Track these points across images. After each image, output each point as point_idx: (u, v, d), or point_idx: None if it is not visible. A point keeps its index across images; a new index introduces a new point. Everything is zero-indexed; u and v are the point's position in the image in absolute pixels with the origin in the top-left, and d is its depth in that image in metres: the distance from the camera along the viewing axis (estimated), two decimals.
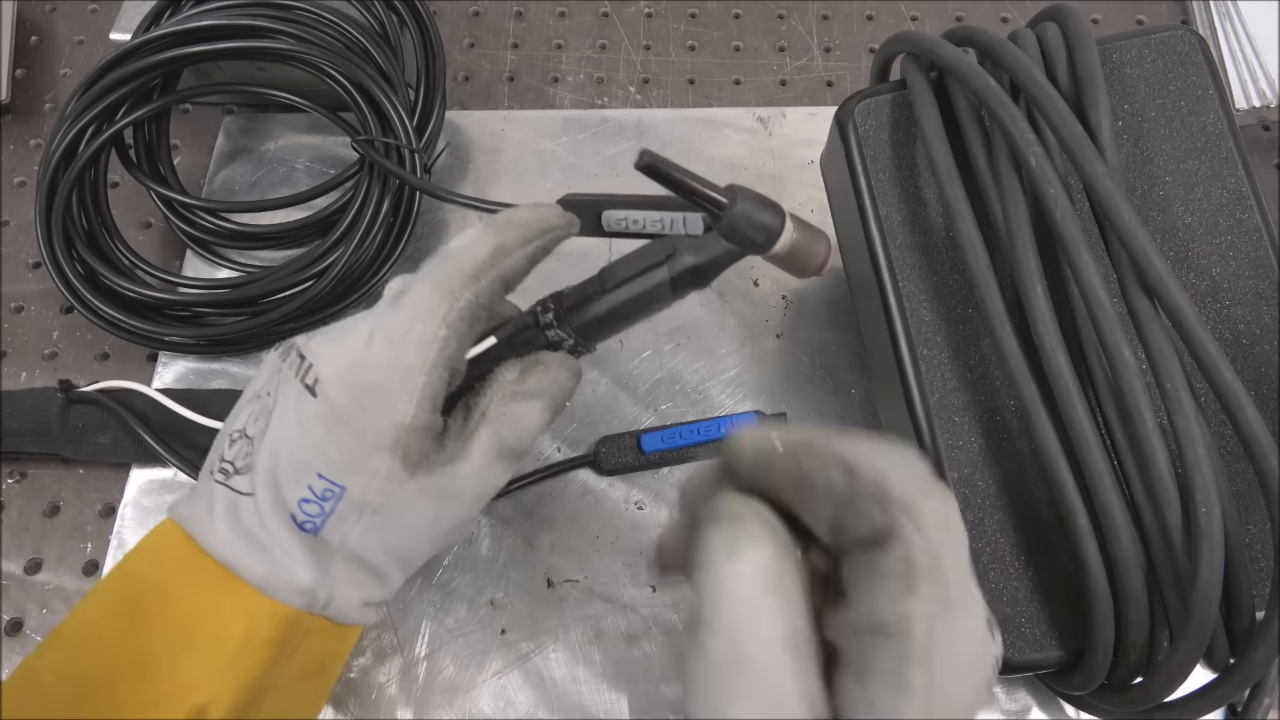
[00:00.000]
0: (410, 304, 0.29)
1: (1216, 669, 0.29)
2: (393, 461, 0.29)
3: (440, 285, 0.29)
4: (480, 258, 0.30)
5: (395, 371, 0.28)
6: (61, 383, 0.40)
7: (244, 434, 0.30)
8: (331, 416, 0.29)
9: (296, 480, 0.29)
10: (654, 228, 0.34)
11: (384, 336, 0.29)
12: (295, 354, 0.30)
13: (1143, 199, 0.33)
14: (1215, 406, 0.31)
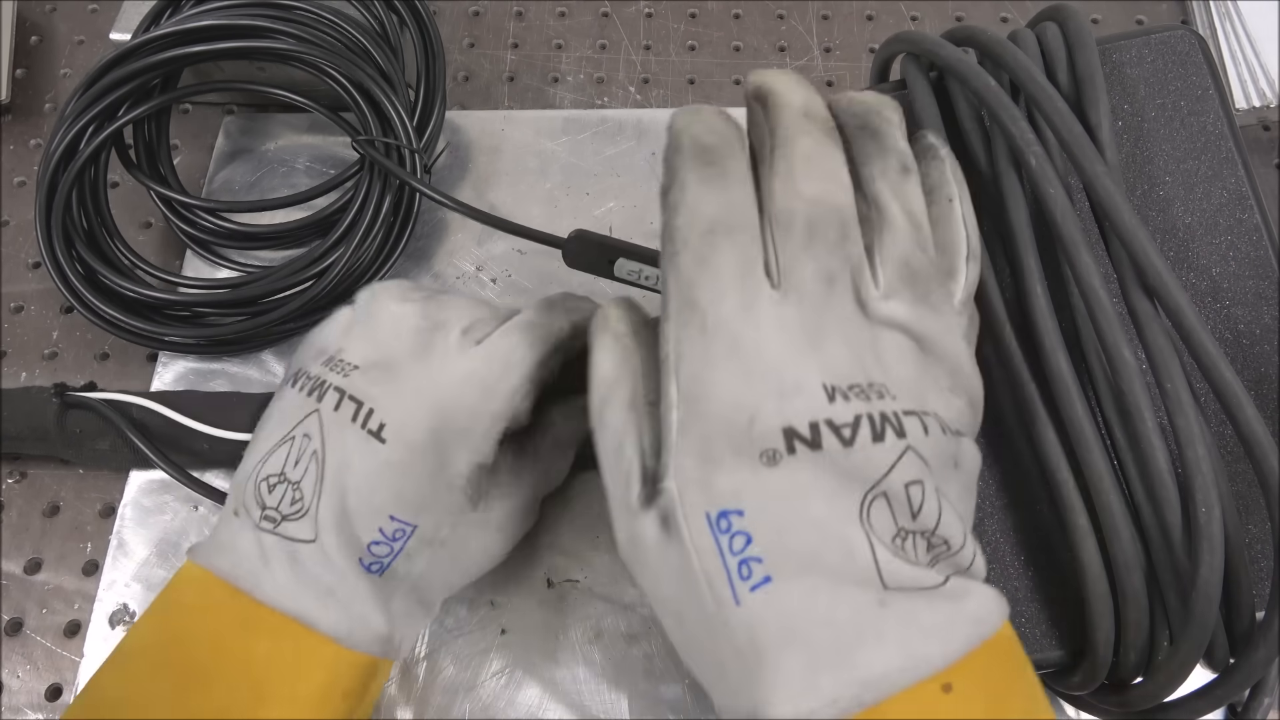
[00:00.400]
0: (503, 352, 0.30)
1: (1216, 669, 0.29)
2: (464, 498, 0.30)
3: (532, 345, 0.31)
4: (564, 330, 0.32)
5: (483, 416, 0.30)
6: (56, 386, 0.40)
7: (284, 478, 0.30)
8: (408, 460, 0.29)
9: (369, 524, 0.29)
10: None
11: (475, 380, 0.30)
12: (342, 398, 0.30)
13: (1143, 199, 0.33)
14: (1215, 406, 0.31)
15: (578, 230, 0.36)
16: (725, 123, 0.26)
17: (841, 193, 0.25)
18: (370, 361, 0.31)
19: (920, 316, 0.25)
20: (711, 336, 0.24)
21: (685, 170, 0.25)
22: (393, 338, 0.31)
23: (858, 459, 0.23)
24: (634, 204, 0.48)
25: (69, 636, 0.39)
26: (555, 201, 0.49)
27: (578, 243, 0.36)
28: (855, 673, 0.22)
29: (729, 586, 0.23)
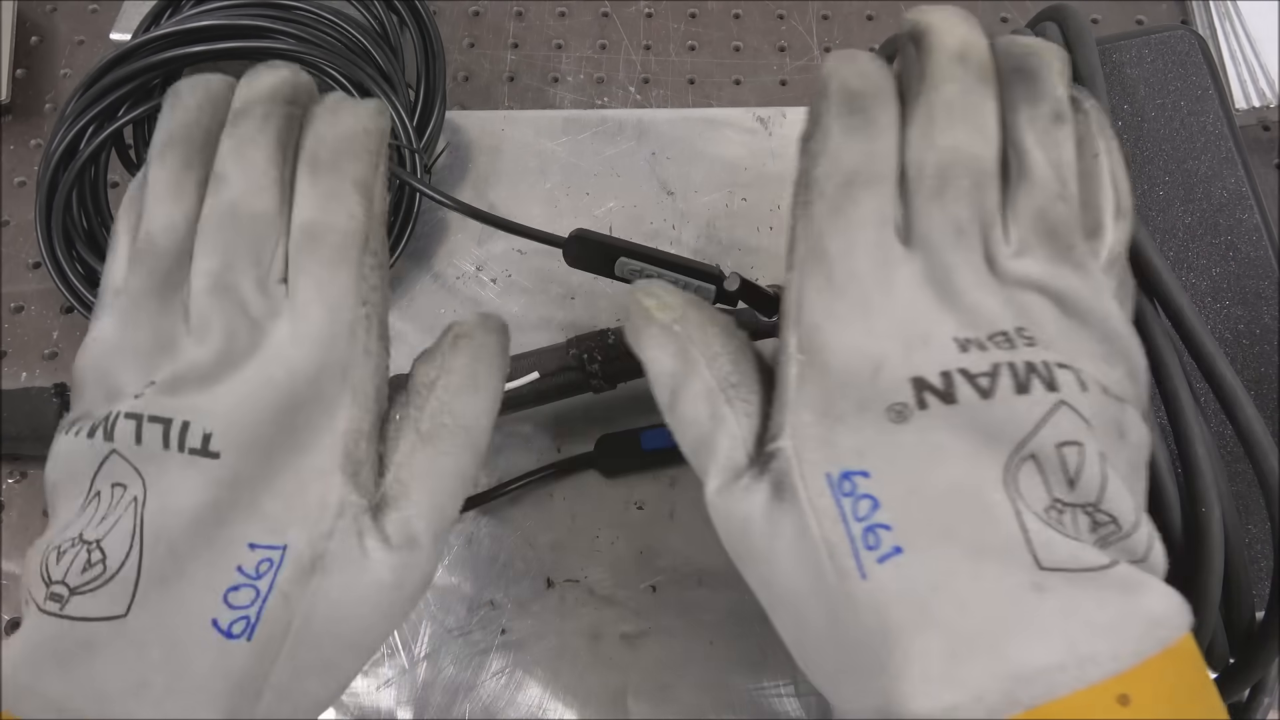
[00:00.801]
0: (312, 295, 0.24)
1: (1216, 669, 0.29)
2: (344, 484, 0.23)
3: (336, 262, 0.24)
4: (357, 213, 0.24)
5: (331, 372, 0.24)
6: (57, 386, 0.40)
7: (78, 540, 0.22)
8: (255, 463, 0.23)
9: (217, 566, 0.22)
10: None
11: (300, 342, 0.23)
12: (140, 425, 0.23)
13: (1143, 199, 0.33)
14: (1215, 406, 0.31)
15: (578, 230, 0.36)
16: (879, 68, 0.24)
17: (982, 143, 0.23)
18: (179, 373, 0.23)
19: (1058, 274, 0.22)
20: (838, 288, 0.22)
21: (829, 116, 0.23)
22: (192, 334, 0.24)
23: (999, 413, 0.21)
24: (634, 204, 0.48)
25: None
26: (555, 201, 0.49)
27: (578, 242, 0.36)
28: (1006, 665, 0.19)
29: (853, 557, 0.20)
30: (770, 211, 0.48)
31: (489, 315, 0.28)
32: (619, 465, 0.41)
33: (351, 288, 0.24)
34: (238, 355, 0.23)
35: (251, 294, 0.24)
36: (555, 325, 0.45)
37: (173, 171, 0.25)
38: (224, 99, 0.26)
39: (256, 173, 0.24)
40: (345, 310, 0.24)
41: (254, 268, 0.24)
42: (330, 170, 0.25)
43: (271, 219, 0.24)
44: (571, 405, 0.43)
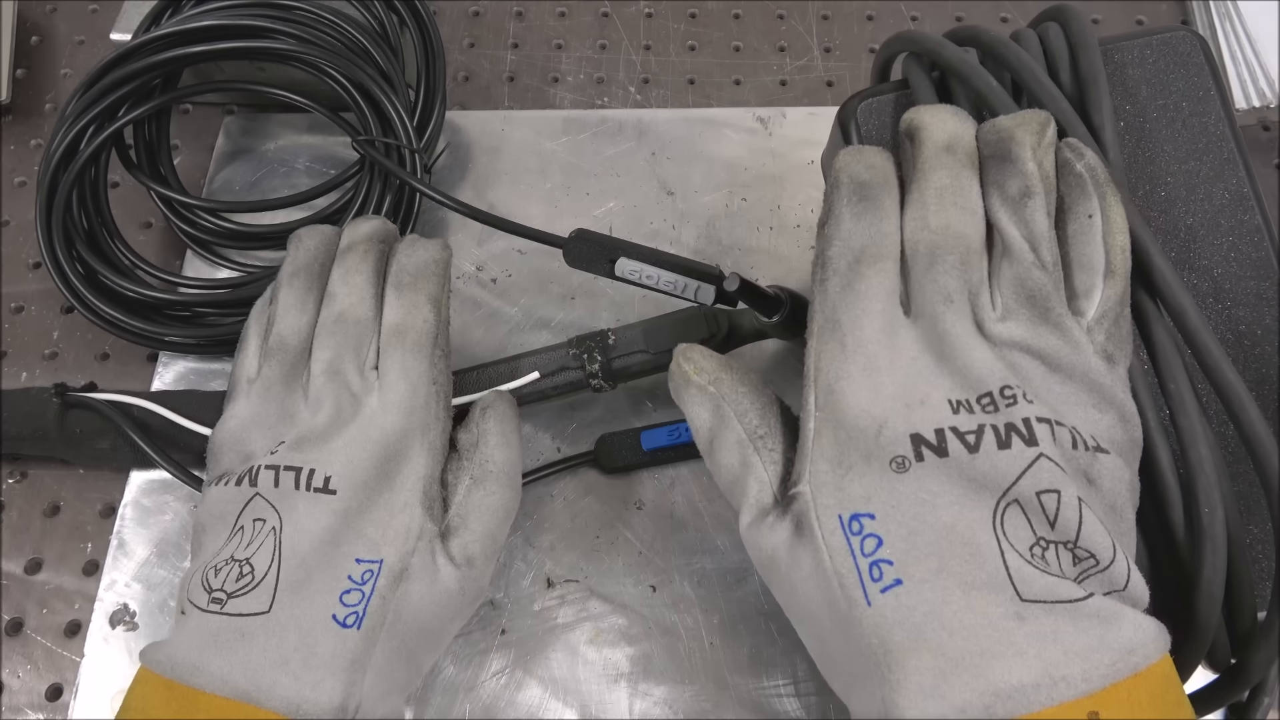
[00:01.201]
0: (398, 375, 0.32)
1: (1218, 669, 0.29)
2: (422, 515, 0.31)
3: (416, 352, 0.32)
4: (430, 318, 0.33)
5: (413, 434, 0.31)
6: (57, 386, 0.40)
7: (231, 560, 0.29)
8: (362, 498, 0.30)
9: (336, 575, 0.29)
10: (667, 287, 0.36)
11: (390, 410, 0.31)
12: (278, 473, 0.30)
13: (1145, 200, 0.33)
14: (1218, 407, 0.31)
15: (578, 230, 0.36)
16: (884, 160, 0.29)
17: (968, 222, 0.27)
18: (302, 435, 0.31)
19: (1039, 335, 0.26)
20: (850, 354, 0.27)
21: (841, 205, 0.28)
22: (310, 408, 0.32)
23: (984, 465, 0.24)
24: (634, 204, 0.48)
25: (69, 636, 0.39)
26: (555, 201, 0.49)
27: (578, 242, 0.36)
28: (986, 682, 0.22)
29: (860, 587, 0.24)
30: (770, 211, 0.48)
31: (499, 391, 0.37)
32: (619, 465, 0.41)
33: (426, 371, 0.32)
34: (345, 420, 0.31)
35: (354, 376, 0.32)
36: (555, 325, 0.45)
37: (299, 293, 0.34)
38: (332, 241, 0.36)
39: (358, 291, 0.33)
40: (422, 387, 0.32)
41: (355, 357, 0.32)
42: (410, 288, 0.33)
43: (368, 323, 0.33)
44: (571, 405, 0.43)
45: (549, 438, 0.42)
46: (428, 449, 0.32)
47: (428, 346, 0.33)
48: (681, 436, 0.41)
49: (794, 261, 0.47)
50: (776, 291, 0.37)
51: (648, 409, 0.43)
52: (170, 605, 0.39)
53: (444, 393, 0.33)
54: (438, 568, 0.30)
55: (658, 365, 0.40)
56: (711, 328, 0.39)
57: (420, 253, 0.35)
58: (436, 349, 0.33)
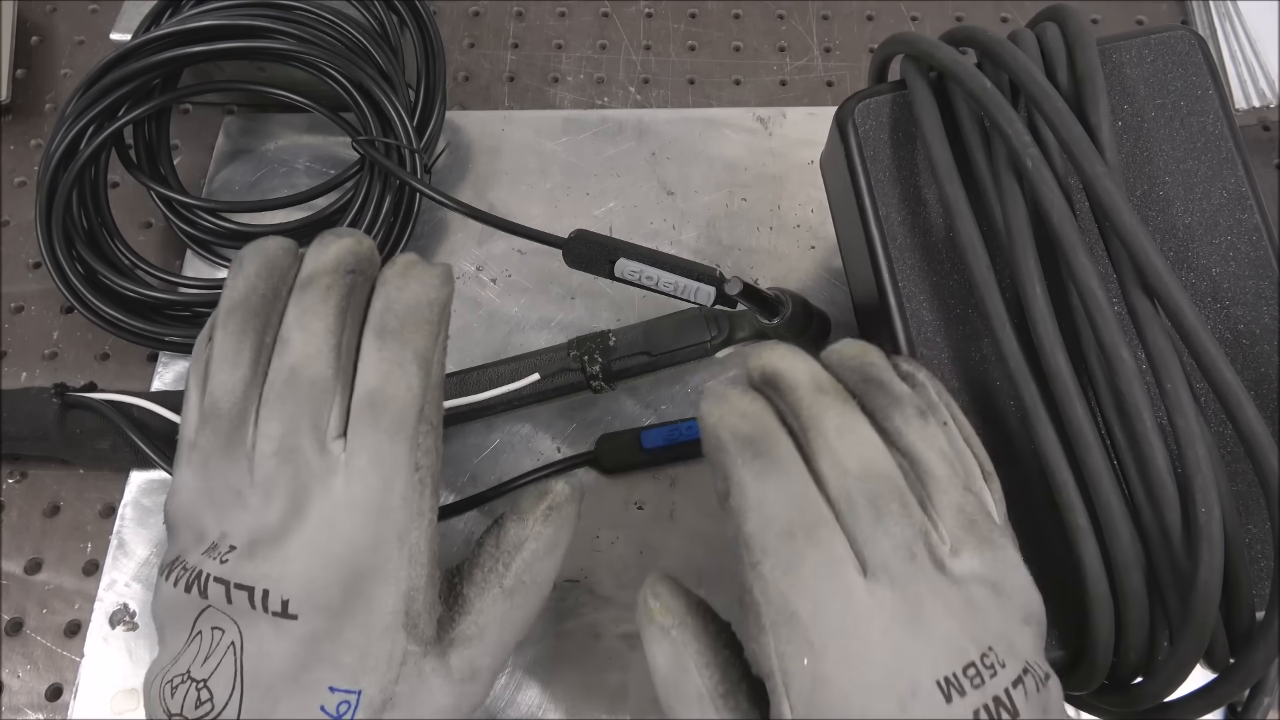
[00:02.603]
0: (369, 463, 0.26)
1: (1216, 669, 0.29)
2: (406, 639, 0.27)
3: (394, 433, 0.27)
4: (415, 385, 0.27)
5: (389, 541, 0.26)
6: (57, 386, 0.40)
7: (189, 678, 0.26)
8: (329, 624, 0.26)
9: (306, 705, 0.25)
10: (667, 288, 0.36)
11: (359, 511, 0.26)
12: (228, 590, 0.26)
13: (1143, 199, 0.33)
14: (1215, 406, 0.31)
15: (578, 230, 0.36)
16: (754, 403, 0.26)
17: (883, 458, 0.25)
18: (254, 535, 0.26)
19: (991, 561, 0.25)
20: (820, 651, 0.23)
21: (736, 469, 0.25)
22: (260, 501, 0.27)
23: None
24: (634, 204, 0.48)
25: (69, 636, 0.39)
26: (555, 201, 0.49)
27: (578, 243, 0.36)
28: None
29: None
30: (770, 211, 0.48)
31: (574, 484, 0.31)
32: (619, 465, 0.41)
33: (405, 459, 0.27)
34: (303, 514, 0.26)
35: (312, 454, 0.26)
36: (555, 325, 0.45)
37: (232, 338, 0.27)
38: (282, 264, 0.29)
39: (317, 340, 0.27)
40: (400, 479, 0.27)
41: (313, 430, 0.27)
42: (396, 339, 0.27)
43: (329, 383, 0.27)
44: (571, 405, 0.43)
45: (549, 438, 0.43)
46: (408, 558, 0.27)
47: (410, 423, 0.27)
48: (681, 436, 0.41)
49: (794, 261, 0.47)
50: (777, 293, 0.37)
51: (648, 409, 0.43)
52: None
53: (431, 477, 0.28)
54: (430, 691, 0.27)
55: (658, 366, 0.40)
56: (712, 329, 0.39)
57: (414, 289, 0.28)
58: (422, 423, 0.27)
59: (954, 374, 0.33)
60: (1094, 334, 0.28)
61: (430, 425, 0.28)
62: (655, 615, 0.27)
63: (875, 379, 0.27)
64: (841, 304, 0.45)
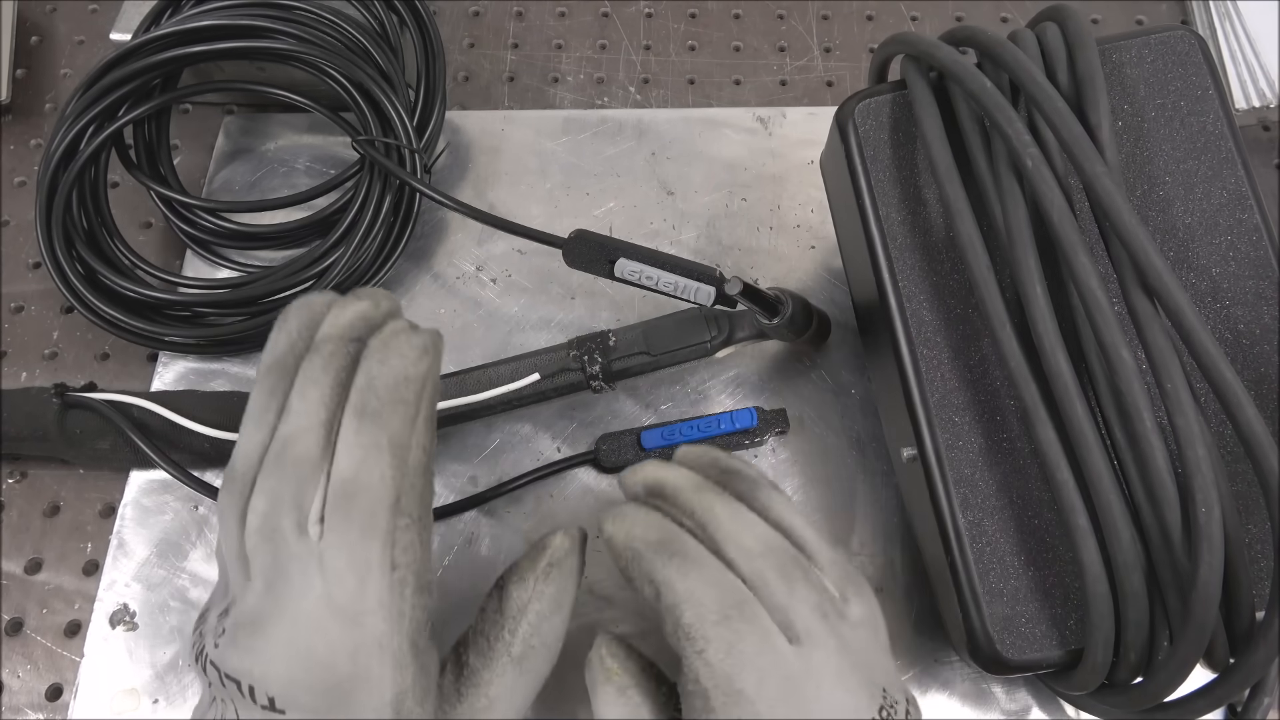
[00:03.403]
0: (344, 563, 0.25)
1: (1216, 669, 0.29)
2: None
3: (367, 529, 0.25)
4: (388, 475, 0.26)
5: (368, 649, 0.25)
6: (57, 386, 0.40)
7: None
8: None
9: None
10: (666, 288, 0.36)
11: (335, 616, 0.25)
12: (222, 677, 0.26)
13: (1143, 199, 0.33)
14: (1215, 406, 0.31)
15: (578, 230, 0.36)
16: (651, 513, 0.29)
17: (771, 534, 0.28)
18: (237, 620, 0.26)
19: (868, 604, 0.29)
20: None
21: (659, 570, 0.27)
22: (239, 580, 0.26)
23: None
24: (634, 204, 0.48)
25: (69, 636, 0.39)
26: (555, 201, 0.49)
27: (578, 243, 0.36)
28: None
29: None
30: (770, 211, 0.48)
31: (574, 534, 0.31)
32: (619, 464, 0.41)
33: (379, 559, 0.25)
34: (281, 604, 0.25)
35: (291, 536, 0.25)
36: (555, 325, 0.45)
37: (262, 396, 0.27)
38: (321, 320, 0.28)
39: (312, 413, 0.26)
40: (374, 582, 0.25)
41: (295, 510, 0.25)
42: (373, 422, 0.26)
43: (315, 462, 0.26)
44: (571, 405, 0.43)
45: (549, 438, 0.43)
46: (391, 664, 0.25)
47: (383, 519, 0.25)
48: (681, 436, 0.41)
49: (794, 261, 0.47)
50: (777, 293, 0.37)
51: (648, 409, 0.43)
52: (171, 605, 0.39)
53: (413, 575, 0.26)
54: None
55: (658, 366, 0.40)
56: (712, 329, 0.39)
57: (394, 363, 0.27)
58: (400, 516, 0.26)
59: (954, 374, 0.33)
60: (1094, 334, 0.28)
61: (410, 519, 0.26)
62: (613, 675, 0.28)
63: (730, 469, 0.30)
64: (841, 304, 0.45)
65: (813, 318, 0.40)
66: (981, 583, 0.31)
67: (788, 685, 0.25)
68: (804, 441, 0.42)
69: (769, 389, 0.43)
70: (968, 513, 0.32)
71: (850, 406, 0.43)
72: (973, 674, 0.38)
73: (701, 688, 0.26)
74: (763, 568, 0.27)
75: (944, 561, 0.32)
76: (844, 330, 0.44)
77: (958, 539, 0.31)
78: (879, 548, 0.40)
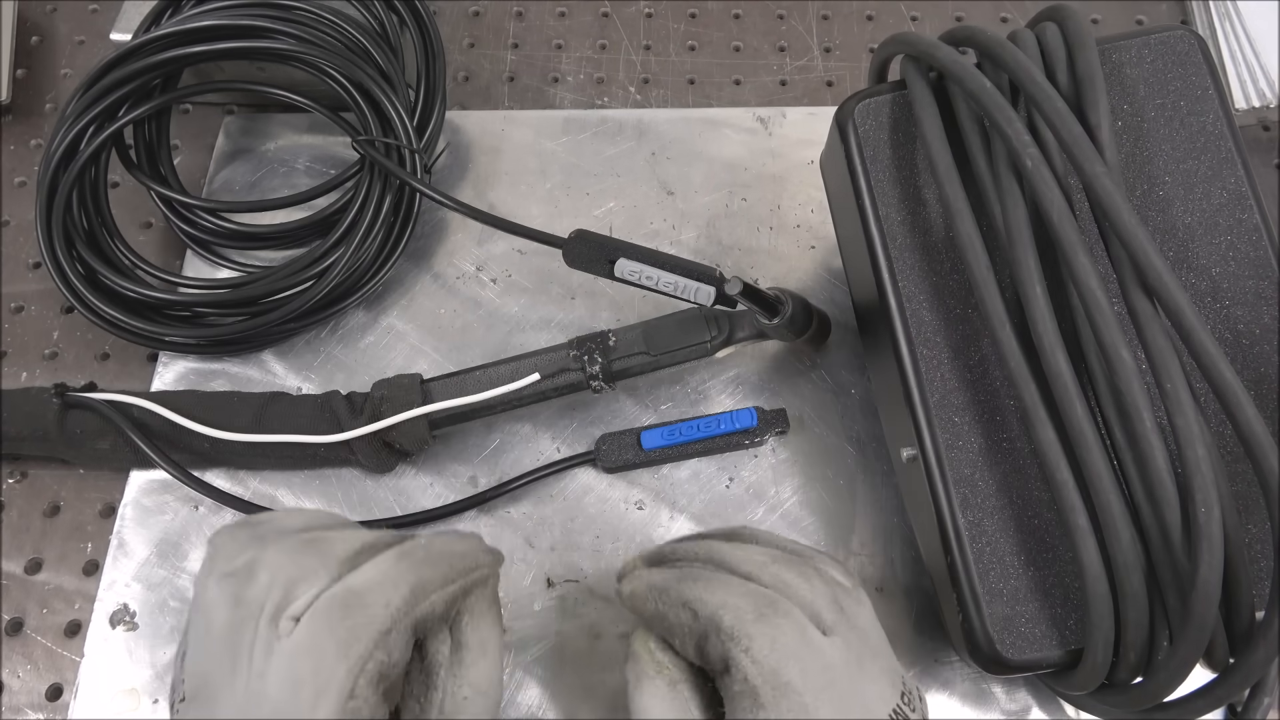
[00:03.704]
0: (306, 667, 0.24)
1: (1216, 669, 0.29)
2: None
3: (345, 644, 0.24)
4: (395, 604, 0.25)
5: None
6: (57, 386, 0.40)
7: None
8: None
9: None
10: (666, 288, 0.36)
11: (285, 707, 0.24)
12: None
13: (1142, 199, 0.33)
14: (1215, 406, 0.31)
15: (578, 230, 0.36)
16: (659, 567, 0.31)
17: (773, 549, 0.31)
18: (194, 687, 0.26)
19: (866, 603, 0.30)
20: (814, 711, 0.26)
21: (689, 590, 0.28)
22: (205, 647, 0.26)
23: None
24: (634, 204, 0.48)
25: (69, 636, 0.39)
26: (555, 201, 0.49)
27: (578, 243, 0.36)
28: None
29: None
30: (770, 211, 0.48)
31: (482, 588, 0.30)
32: (619, 464, 0.41)
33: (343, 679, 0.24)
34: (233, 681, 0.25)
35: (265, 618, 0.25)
36: (555, 325, 0.45)
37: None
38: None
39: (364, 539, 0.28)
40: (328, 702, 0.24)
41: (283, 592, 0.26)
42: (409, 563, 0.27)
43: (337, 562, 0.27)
44: (571, 405, 0.43)
45: (549, 438, 0.43)
46: None
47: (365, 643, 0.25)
48: (681, 436, 0.41)
49: (794, 261, 0.47)
50: (777, 293, 0.37)
51: (648, 409, 0.43)
52: (171, 605, 0.39)
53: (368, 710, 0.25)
54: None
55: (658, 366, 0.40)
56: (712, 329, 0.39)
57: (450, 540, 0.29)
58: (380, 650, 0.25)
59: (954, 374, 0.33)
60: (1094, 334, 0.28)
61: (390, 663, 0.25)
62: (665, 668, 0.29)
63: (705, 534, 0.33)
64: (841, 304, 0.45)
65: (813, 318, 0.40)
66: (981, 583, 0.31)
67: (828, 675, 0.27)
68: (804, 441, 0.42)
69: (769, 389, 0.43)
70: (968, 513, 0.32)
71: (850, 406, 0.43)
72: (973, 674, 0.38)
73: (750, 686, 0.26)
74: (778, 572, 0.29)
75: (944, 561, 0.32)
76: (844, 330, 0.44)
77: (958, 539, 0.31)
78: (879, 548, 0.40)
